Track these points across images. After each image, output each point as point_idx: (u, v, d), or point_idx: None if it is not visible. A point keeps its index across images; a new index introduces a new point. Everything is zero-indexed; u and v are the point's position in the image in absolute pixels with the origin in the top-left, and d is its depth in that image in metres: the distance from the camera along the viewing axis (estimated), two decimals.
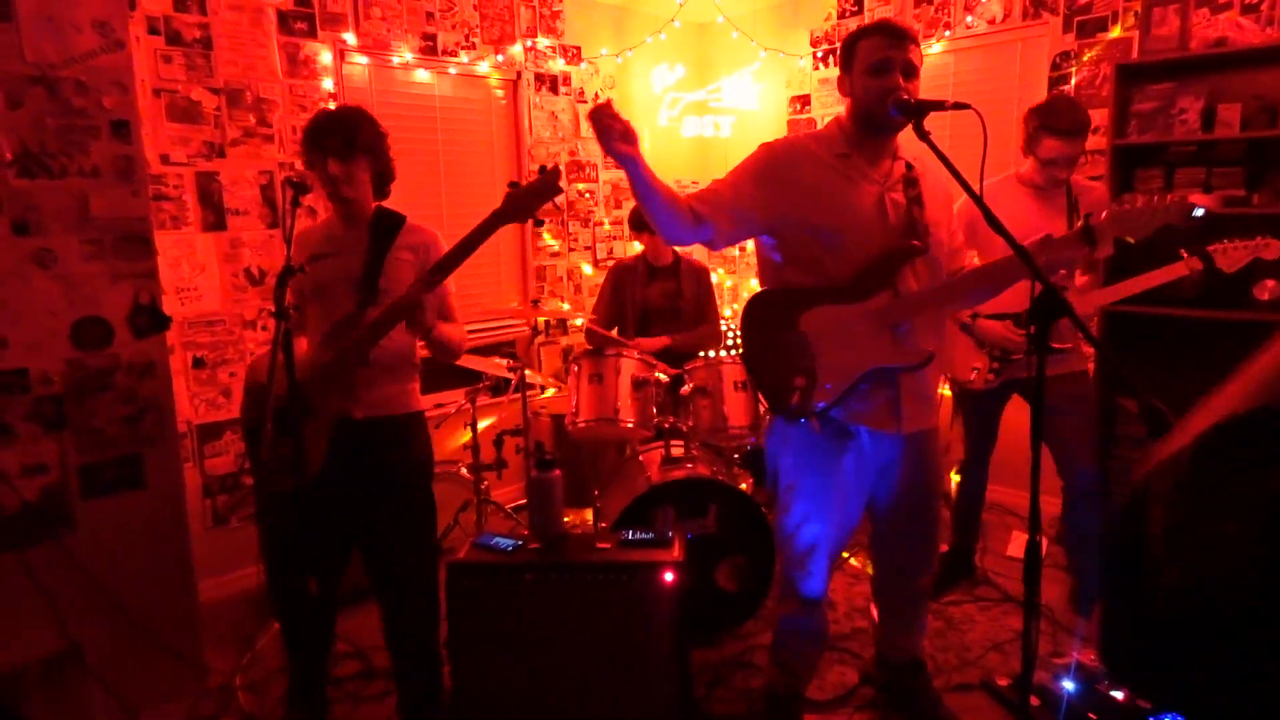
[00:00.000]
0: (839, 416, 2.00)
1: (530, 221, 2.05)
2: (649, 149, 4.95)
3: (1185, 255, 2.52)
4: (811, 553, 2.12)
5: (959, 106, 1.71)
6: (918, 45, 1.89)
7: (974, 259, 2.62)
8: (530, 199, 1.98)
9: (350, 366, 2.03)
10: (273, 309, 1.73)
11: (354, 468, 2.14)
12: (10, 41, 2.08)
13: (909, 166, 1.99)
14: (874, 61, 1.86)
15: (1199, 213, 1.80)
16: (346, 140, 2.07)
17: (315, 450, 2.07)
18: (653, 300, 3.62)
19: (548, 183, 1.96)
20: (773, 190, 1.95)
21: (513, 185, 2.01)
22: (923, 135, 1.73)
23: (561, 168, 4.47)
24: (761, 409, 2.91)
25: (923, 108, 1.75)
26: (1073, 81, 3.66)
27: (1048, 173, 2.71)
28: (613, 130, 1.70)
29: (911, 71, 1.86)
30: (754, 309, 2.09)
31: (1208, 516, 0.50)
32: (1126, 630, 0.55)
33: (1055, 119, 2.62)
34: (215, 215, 3.23)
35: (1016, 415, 3.07)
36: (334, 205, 2.15)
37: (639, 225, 3.66)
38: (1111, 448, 3.54)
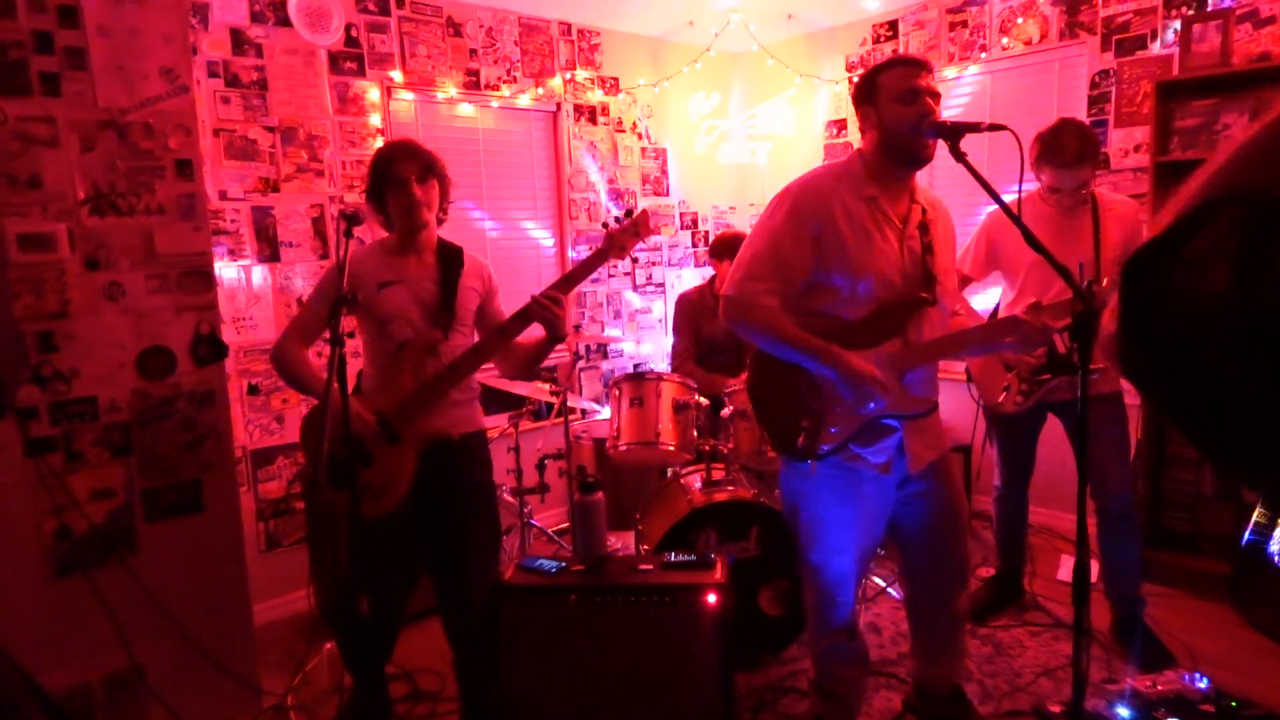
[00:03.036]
0: (842, 460, 2.00)
1: (627, 256, 2.26)
2: (686, 176, 5.02)
3: None
4: (842, 583, 2.11)
5: (995, 128, 1.72)
6: (933, 74, 1.91)
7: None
8: (625, 238, 2.19)
9: (452, 385, 2.17)
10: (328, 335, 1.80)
11: (440, 487, 2.22)
12: (84, 90, 2.21)
13: (924, 211, 1.99)
14: (902, 91, 1.86)
15: None
16: (424, 165, 2.19)
17: (402, 475, 2.14)
18: (719, 335, 3.59)
19: (639, 224, 2.20)
20: (811, 242, 1.92)
21: (606, 225, 2.21)
22: (959, 157, 1.75)
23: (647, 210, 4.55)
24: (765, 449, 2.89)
25: (958, 129, 1.76)
26: (1112, 99, 3.64)
27: (1054, 197, 2.70)
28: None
29: (935, 98, 1.87)
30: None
31: None
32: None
33: (1055, 153, 2.59)
34: (270, 248, 3.36)
35: (1056, 437, 3.04)
36: (402, 232, 2.19)
37: (719, 254, 3.58)
38: (1163, 469, 3.46)
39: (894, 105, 1.88)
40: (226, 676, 2.50)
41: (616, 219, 2.20)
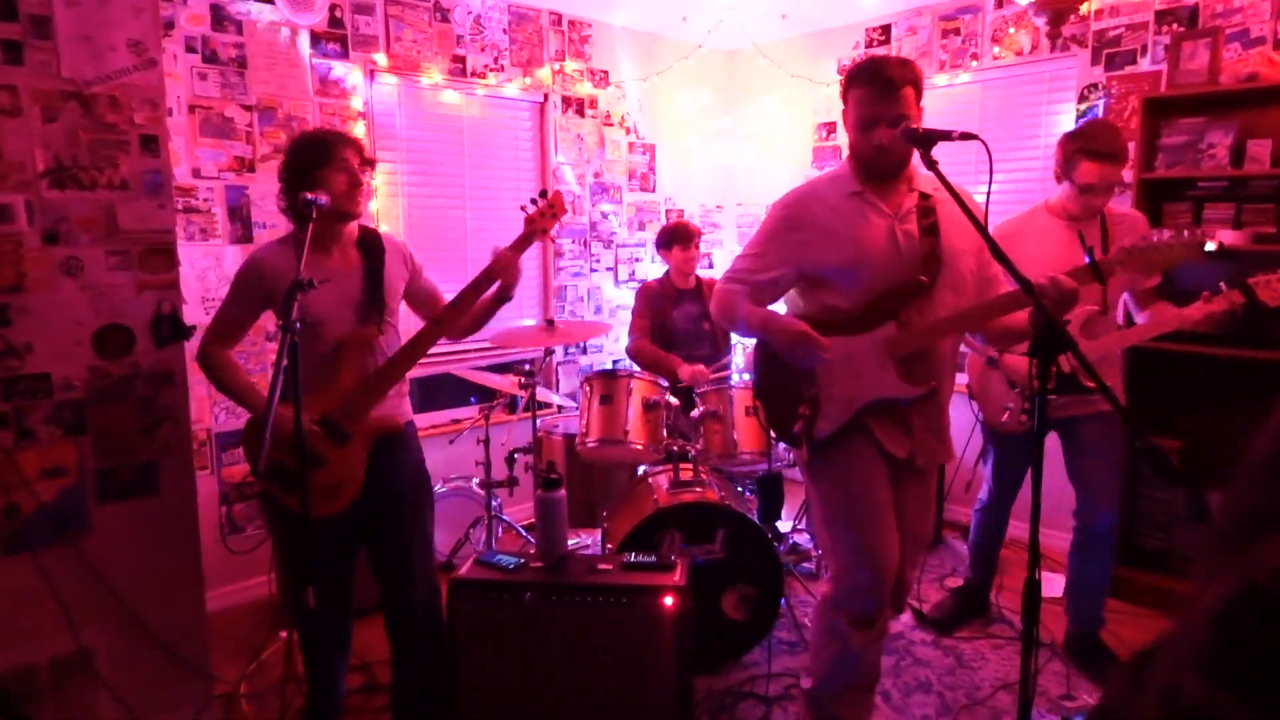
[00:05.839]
0: (853, 443, 2.01)
1: (549, 238, 2.29)
2: (674, 173, 4.98)
3: (1225, 288, 2.38)
4: (856, 567, 2.06)
5: (966, 137, 1.69)
6: (913, 86, 1.87)
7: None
8: (545, 220, 2.21)
9: (409, 365, 2.15)
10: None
11: (387, 478, 2.18)
12: (48, 59, 2.16)
13: (924, 196, 1.97)
14: (862, 116, 1.90)
15: (1210, 247, 1.77)
16: (364, 153, 2.16)
17: (355, 472, 2.11)
18: (678, 322, 3.62)
19: (555, 204, 2.22)
20: (793, 243, 2.01)
21: (524, 208, 2.24)
22: (930, 165, 1.73)
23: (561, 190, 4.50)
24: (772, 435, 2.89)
25: (930, 137, 1.74)
26: (1100, 113, 3.62)
27: (1085, 200, 2.57)
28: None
29: (897, 121, 1.85)
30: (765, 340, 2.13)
31: None
32: None
33: (1094, 143, 2.50)
34: (243, 228, 3.31)
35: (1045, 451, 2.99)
36: (327, 224, 2.09)
37: (666, 244, 3.63)
38: (1138, 487, 3.45)
39: (855, 129, 1.94)
40: (177, 663, 2.46)
41: (533, 200, 2.22)
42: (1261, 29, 3.18)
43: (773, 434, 2.18)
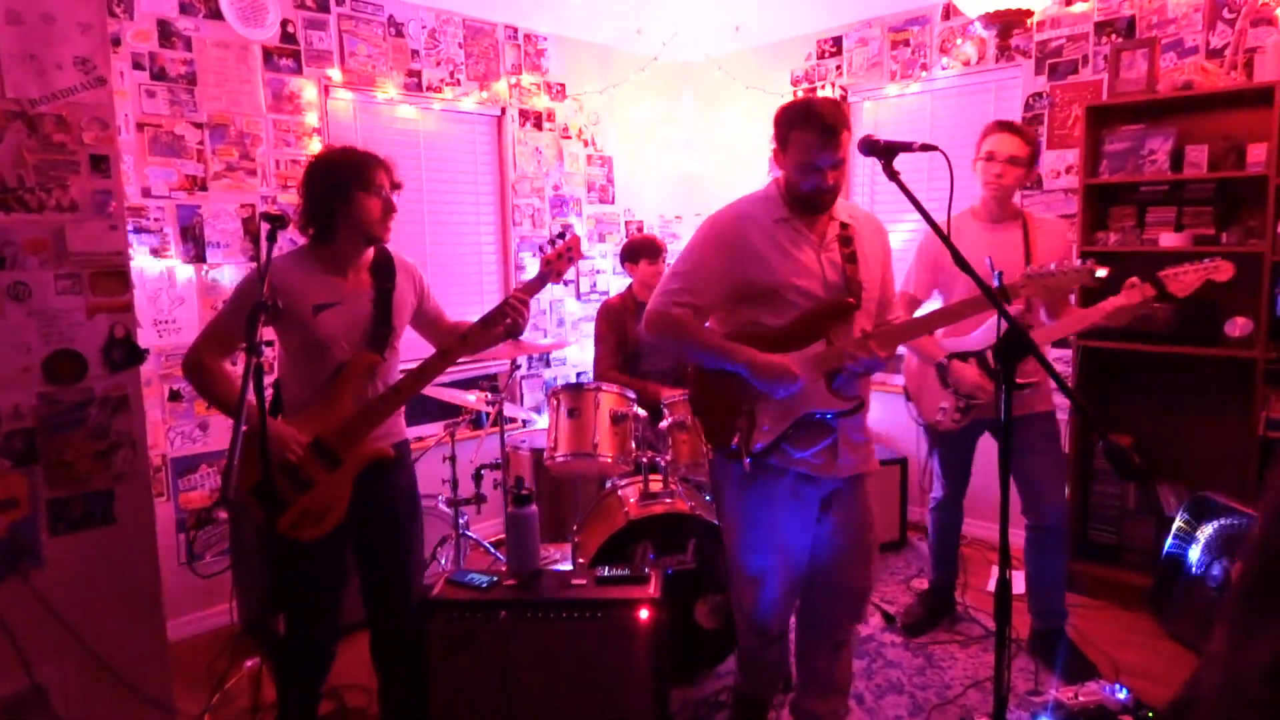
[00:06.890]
0: (776, 464, 2.07)
1: (562, 281, 2.20)
2: (632, 185, 5.00)
3: (1137, 282, 2.51)
4: (758, 582, 2.15)
5: (927, 148, 1.74)
6: (847, 129, 1.96)
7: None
8: (561, 263, 2.18)
9: (411, 395, 2.12)
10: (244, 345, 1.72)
11: (376, 500, 2.16)
12: None
13: (843, 226, 2.07)
14: (804, 161, 1.95)
15: (1101, 274, 2.00)
16: (394, 180, 2.14)
17: (342, 498, 2.07)
18: (642, 336, 3.62)
19: (572, 248, 2.18)
20: (728, 258, 2.05)
21: (541, 249, 2.23)
22: (892, 176, 1.76)
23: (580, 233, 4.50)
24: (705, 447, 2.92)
25: (891, 149, 1.78)
26: (1045, 121, 3.74)
27: (986, 170, 2.77)
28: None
29: (839, 164, 1.96)
30: None
31: None
32: None
33: (999, 121, 2.81)
34: (196, 248, 3.24)
35: (991, 451, 3.07)
36: (350, 245, 2.08)
37: (633, 258, 3.62)
38: (1089, 483, 3.55)
39: (796, 171, 1.99)
40: (137, 696, 2.38)
41: (551, 242, 2.20)
42: (1195, 39, 3.32)
43: (706, 448, 2.20)
